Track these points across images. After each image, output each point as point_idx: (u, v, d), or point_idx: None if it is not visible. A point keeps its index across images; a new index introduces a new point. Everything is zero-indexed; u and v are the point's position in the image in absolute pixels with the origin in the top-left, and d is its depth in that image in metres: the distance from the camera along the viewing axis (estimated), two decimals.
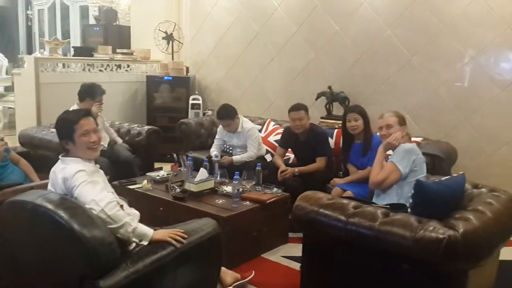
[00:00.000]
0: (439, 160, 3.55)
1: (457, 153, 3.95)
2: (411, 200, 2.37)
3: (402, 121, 2.96)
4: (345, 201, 2.43)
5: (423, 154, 2.95)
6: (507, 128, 4.13)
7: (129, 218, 2.11)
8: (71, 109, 4.13)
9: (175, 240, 2.16)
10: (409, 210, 2.40)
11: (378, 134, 3.16)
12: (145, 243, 2.13)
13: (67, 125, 2.25)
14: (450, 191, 2.42)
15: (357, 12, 4.92)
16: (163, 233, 2.19)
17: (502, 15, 4.05)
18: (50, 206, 1.93)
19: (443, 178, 2.59)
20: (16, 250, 2.20)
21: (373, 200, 2.80)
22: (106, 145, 4.31)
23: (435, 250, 1.99)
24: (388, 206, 2.44)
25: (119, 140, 4.60)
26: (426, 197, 2.30)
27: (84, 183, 2.08)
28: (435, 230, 2.03)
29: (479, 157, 4.27)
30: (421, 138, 4.08)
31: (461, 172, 2.63)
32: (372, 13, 4.81)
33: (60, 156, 2.26)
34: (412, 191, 2.35)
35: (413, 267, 2.16)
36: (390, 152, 2.93)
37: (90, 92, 4.17)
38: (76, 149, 2.23)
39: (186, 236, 2.21)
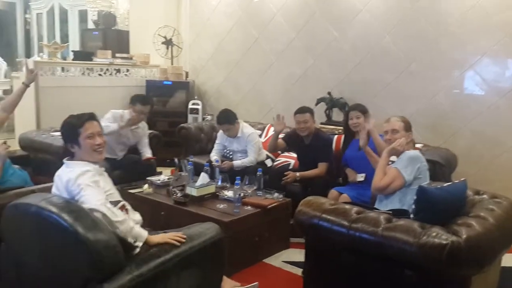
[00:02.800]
0: (439, 166, 3.57)
1: (457, 160, 3.97)
2: (413, 206, 2.38)
3: (408, 127, 2.95)
4: (347, 206, 2.44)
5: None
6: (506, 134, 4.15)
7: (123, 217, 2.13)
8: (122, 111, 4.22)
9: (175, 240, 2.17)
10: (411, 216, 2.41)
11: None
12: (139, 243, 2.12)
13: (72, 128, 2.28)
14: (452, 197, 2.43)
15: (356, 19, 4.95)
16: (162, 236, 2.21)
17: (500, 23, 4.09)
18: (54, 209, 1.94)
19: (445, 184, 2.60)
20: (19, 254, 2.19)
21: (376, 206, 2.80)
22: (121, 156, 4.27)
23: (438, 256, 2.00)
24: (390, 211, 2.45)
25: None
26: (428, 203, 2.31)
27: (85, 186, 2.09)
28: (438, 236, 2.04)
29: (479, 163, 4.29)
30: (421, 145, 4.10)
31: (462, 179, 2.64)
32: (371, 20, 4.84)
33: (64, 160, 2.27)
34: (415, 197, 2.36)
35: (416, 273, 2.17)
36: (393, 158, 2.94)
37: (131, 99, 4.30)
38: (81, 152, 2.26)
39: (185, 237, 2.21)
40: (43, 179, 3.21)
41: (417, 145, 3.93)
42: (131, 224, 2.12)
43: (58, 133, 4.09)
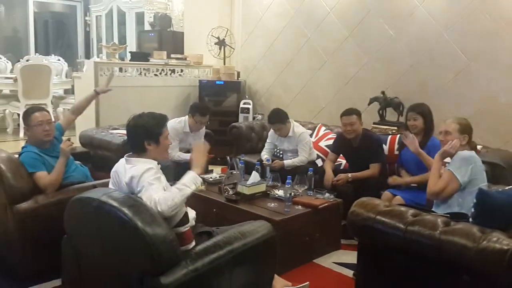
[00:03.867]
0: (500, 169, 3.41)
1: None
2: (473, 210, 2.29)
3: (464, 129, 2.82)
4: (403, 208, 2.38)
5: (483, 162, 2.84)
6: None
7: (178, 194, 2.17)
8: (180, 120, 4.40)
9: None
10: (470, 219, 2.32)
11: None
12: (199, 183, 2.29)
13: (158, 126, 2.35)
14: None
15: (412, 16, 4.82)
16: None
17: None
18: (115, 204, 2.01)
19: (506, 188, 2.49)
20: (81, 245, 2.30)
21: (433, 209, 2.73)
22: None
23: (499, 261, 1.92)
24: (448, 215, 2.37)
25: None
26: (489, 207, 2.22)
27: (148, 184, 2.15)
28: (499, 241, 1.96)
29: None
30: (481, 146, 3.93)
31: None
32: (428, 17, 4.70)
33: (125, 156, 2.34)
34: (474, 200, 2.27)
35: (474, 279, 2.09)
36: (448, 159, 2.85)
37: (191, 108, 4.44)
38: (156, 150, 2.33)
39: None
40: (102, 175, 3.36)
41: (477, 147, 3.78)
42: (178, 195, 2.16)
43: (117, 131, 4.31)
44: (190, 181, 2.24)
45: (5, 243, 2.97)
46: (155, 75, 6.17)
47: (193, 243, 2.16)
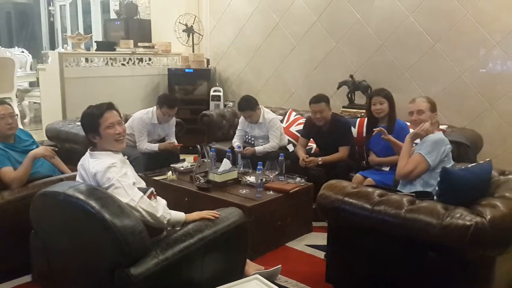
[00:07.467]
0: (464, 147, 3.51)
1: (482, 140, 3.90)
2: (437, 188, 2.36)
3: (433, 108, 2.87)
4: (370, 189, 2.43)
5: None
6: None
7: (162, 210, 2.18)
8: (148, 111, 4.30)
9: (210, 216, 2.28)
10: (435, 198, 2.39)
11: (406, 121, 3.12)
12: (178, 228, 2.20)
13: (92, 119, 2.29)
14: (477, 178, 2.40)
15: (379, 0, 4.86)
16: (197, 213, 2.30)
17: None
18: (81, 197, 1.98)
19: (469, 165, 2.56)
20: (49, 240, 2.27)
21: (398, 189, 2.79)
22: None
23: (462, 237, 1.99)
24: (413, 194, 2.43)
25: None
26: (452, 184, 2.29)
27: (116, 181, 2.12)
28: (462, 217, 2.03)
29: (505, 144, 4.19)
30: (446, 126, 4.03)
31: (487, 159, 2.60)
32: (394, 0, 4.75)
33: (89, 151, 2.31)
34: (438, 179, 2.33)
35: (440, 254, 2.16)
36: (417, 140, 2.90)
37: (159, 100, 4.33)
38: (102, 142, 2.28)
39: (218, 214, 2.30)
40: (70, 168, 3.30)
41: (442, 127, 3.88)
42: (167, 217, 2.18)
43: None
44: (175, 221, 2.23)
45: None
46: (123, 64, 6.05)
47: (164, 233, 2.15)
